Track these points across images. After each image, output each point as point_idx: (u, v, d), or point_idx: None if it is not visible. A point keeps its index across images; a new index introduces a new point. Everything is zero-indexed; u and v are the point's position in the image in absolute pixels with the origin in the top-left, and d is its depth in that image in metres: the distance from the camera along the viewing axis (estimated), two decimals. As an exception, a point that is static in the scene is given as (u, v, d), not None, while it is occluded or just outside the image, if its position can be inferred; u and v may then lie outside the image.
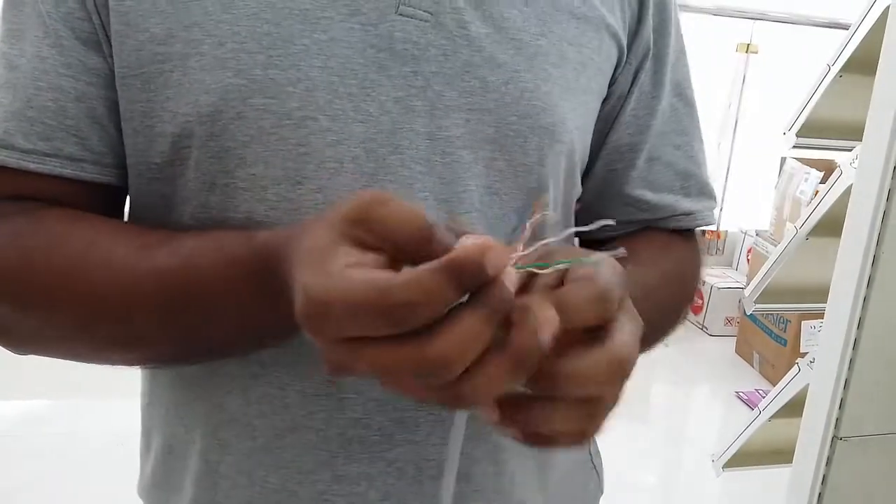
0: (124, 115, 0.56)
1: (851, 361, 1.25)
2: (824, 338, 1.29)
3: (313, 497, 0.59)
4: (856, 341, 1.24)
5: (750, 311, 1.78)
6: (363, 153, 0.54)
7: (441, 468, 0.60)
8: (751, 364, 3.31)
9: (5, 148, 0.55)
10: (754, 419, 1.77)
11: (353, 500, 0.59)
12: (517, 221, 0.60)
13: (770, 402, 1.71)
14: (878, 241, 1.20)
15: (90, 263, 0.53)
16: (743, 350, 3.38)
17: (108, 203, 0.59)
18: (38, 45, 0.55)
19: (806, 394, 1.35)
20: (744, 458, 1.85)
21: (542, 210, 0.46)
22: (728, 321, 3.54)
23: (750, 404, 2.92)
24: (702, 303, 3.59)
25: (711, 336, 3.52)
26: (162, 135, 0.55)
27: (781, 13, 3.45)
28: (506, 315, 0.37)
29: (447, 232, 0.39)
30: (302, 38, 0.53)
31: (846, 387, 1.26)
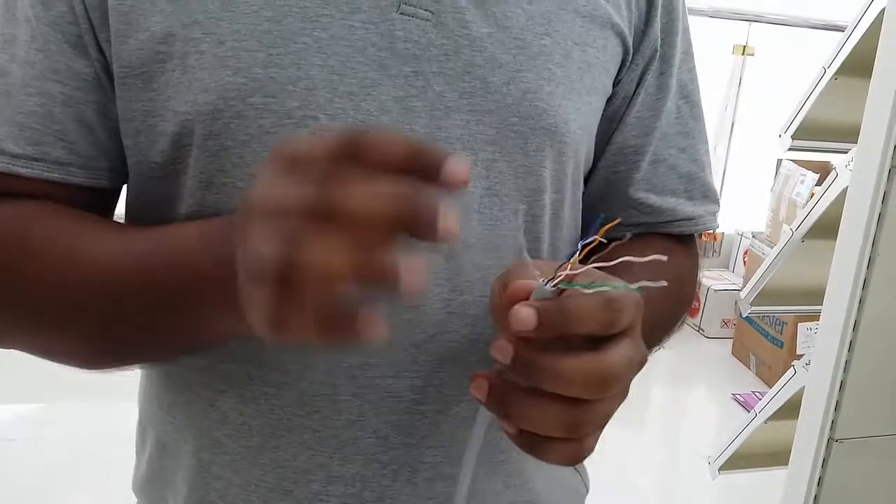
0: (125, 116, 0.56)
1: (847, 363, 1.25)
2: (820, 340, 1.29)
3: (308, 497, 0.59)
4: (851, 343, 1.24)
5: (746, 314, 1.78)
6: None
7: (436, 471, 0.60)
8: (747, 366, 3.31)
9: None
10: (750, 421, 1.77)
11: (348, 500, 0.59)
12: (572, 244, 0.60)
13: (766, 405, 1.71)
14: (874, 242, 1.20)
15: (43, 251, 0.53)
16: (739, 352, 3.38)
17: (97, 205, 0.59)
18: (27, 51, 0.55)
19: (802, 396, 1.35)
20: (740, 460, 1.85)
21: (598, 233, 0.46)
22: (724, 323, 3.54)
23: (746, 406, 2.91)
24: (698, 305, 3.58)
25: (708, 338, 3.52)
26: (163, 134, 0.55)
27: (777, 15, 3.46)
28: None
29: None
30: (302, 36, 0.53)
31: (842, 389, 1.26)
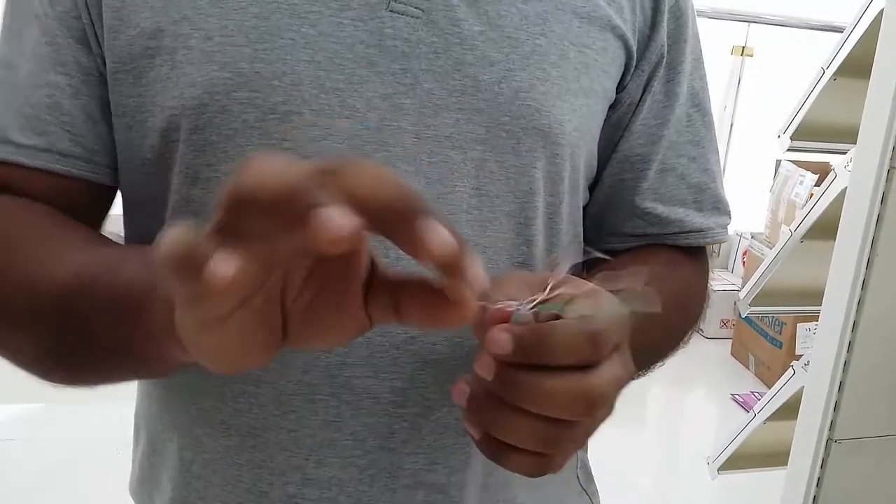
0: (116, 111, 0.56)
1: (846, 364, 1.25)
2: (819, 340, 1.29)
3: (283, 499, 0.57)
4: (850, 344, 1.24)
5: (745, 314, 1.78)
6: (348, 149, 0.53)
7: (416, 478, 0.58)
8: (746, 366, 3.30)
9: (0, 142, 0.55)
10: (749, 421, 1.77)
11: None
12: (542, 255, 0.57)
13: (765, 405, 1.71)
14: (873, 243, 1.20)
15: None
16: (738, 352, 3.37)
17: (97, 202, 0.59)
18: (35, 44, 0.55)
19: (801, 396, 1.35)
20: (739, 460, 1.84)
21: (555, 267, 0.44)
22: (724, 324, 3.54)
23: (745, 407, 2.91)
24: (697, 305, 3.58)
25: (707, 338, 3.51)
26: (152, 129, 0.55)
27: (776, 16, 3.46)
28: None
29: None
30: (289, 31, 0.52)
31: (841, 389, 1.26)
